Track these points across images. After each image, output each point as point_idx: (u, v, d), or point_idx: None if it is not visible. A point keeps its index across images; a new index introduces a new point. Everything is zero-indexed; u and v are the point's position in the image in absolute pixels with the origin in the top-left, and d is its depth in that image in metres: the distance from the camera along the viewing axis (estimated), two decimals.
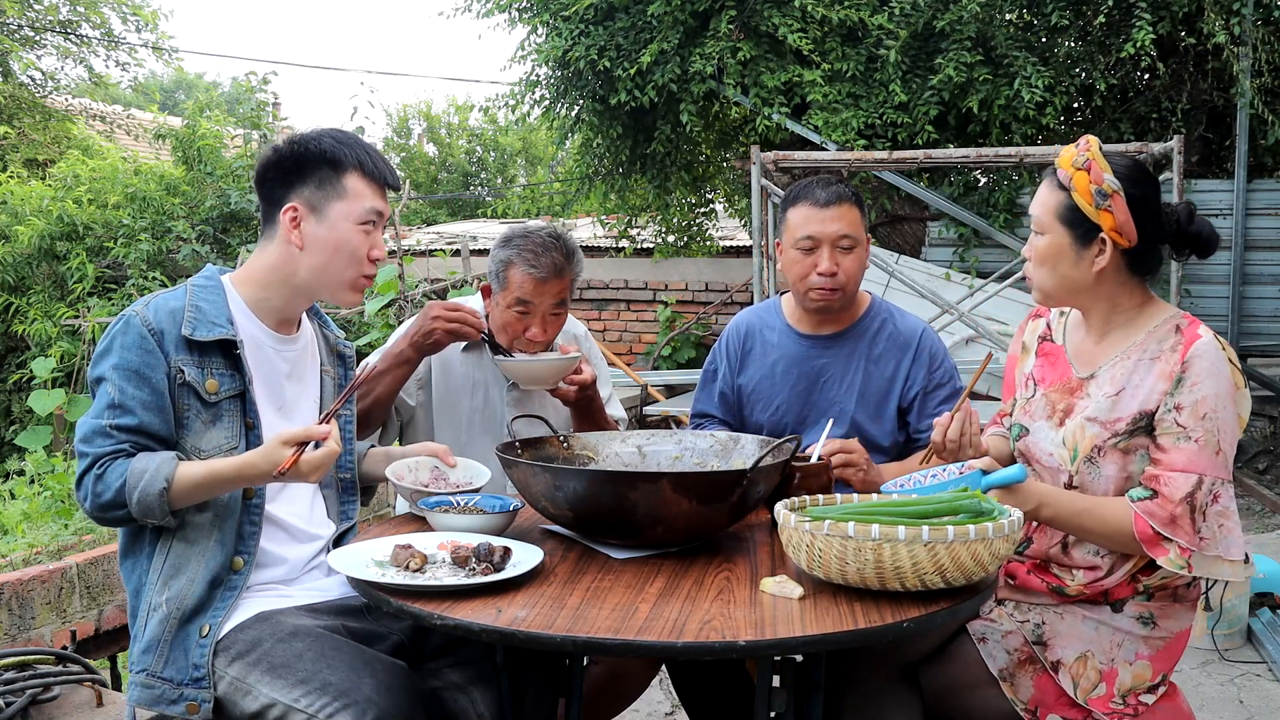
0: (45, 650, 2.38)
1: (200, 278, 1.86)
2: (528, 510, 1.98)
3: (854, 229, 2.26)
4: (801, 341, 2.37)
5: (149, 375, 1.72)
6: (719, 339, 2.53)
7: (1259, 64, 6.76)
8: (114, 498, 1.67)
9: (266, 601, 1.77)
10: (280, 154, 1.84)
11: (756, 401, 2.40)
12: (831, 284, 2.26)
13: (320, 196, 1.82)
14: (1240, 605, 3.71)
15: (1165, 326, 1.81)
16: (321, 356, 1.99)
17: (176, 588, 1.72)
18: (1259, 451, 6.86)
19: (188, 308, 1.77)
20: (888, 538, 1.44)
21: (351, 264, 1.84)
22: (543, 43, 8.02)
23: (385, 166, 1.89)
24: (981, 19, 7.02)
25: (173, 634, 1.71)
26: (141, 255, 8.31)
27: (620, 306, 9.96)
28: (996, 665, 1.80)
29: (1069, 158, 1.80)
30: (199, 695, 1.68)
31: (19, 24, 13.03)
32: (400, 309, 6.61)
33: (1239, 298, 7.18)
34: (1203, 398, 1.73)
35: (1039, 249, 1.83)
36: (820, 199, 2.26)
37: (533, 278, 2.27)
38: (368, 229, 1.84)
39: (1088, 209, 1.76)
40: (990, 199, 7.56)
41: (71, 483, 4.30)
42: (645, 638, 1.35)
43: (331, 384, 1.98)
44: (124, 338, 1.73)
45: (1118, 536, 1.75)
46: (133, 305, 1.79)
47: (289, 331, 1.91)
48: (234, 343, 1.78)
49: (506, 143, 19.17)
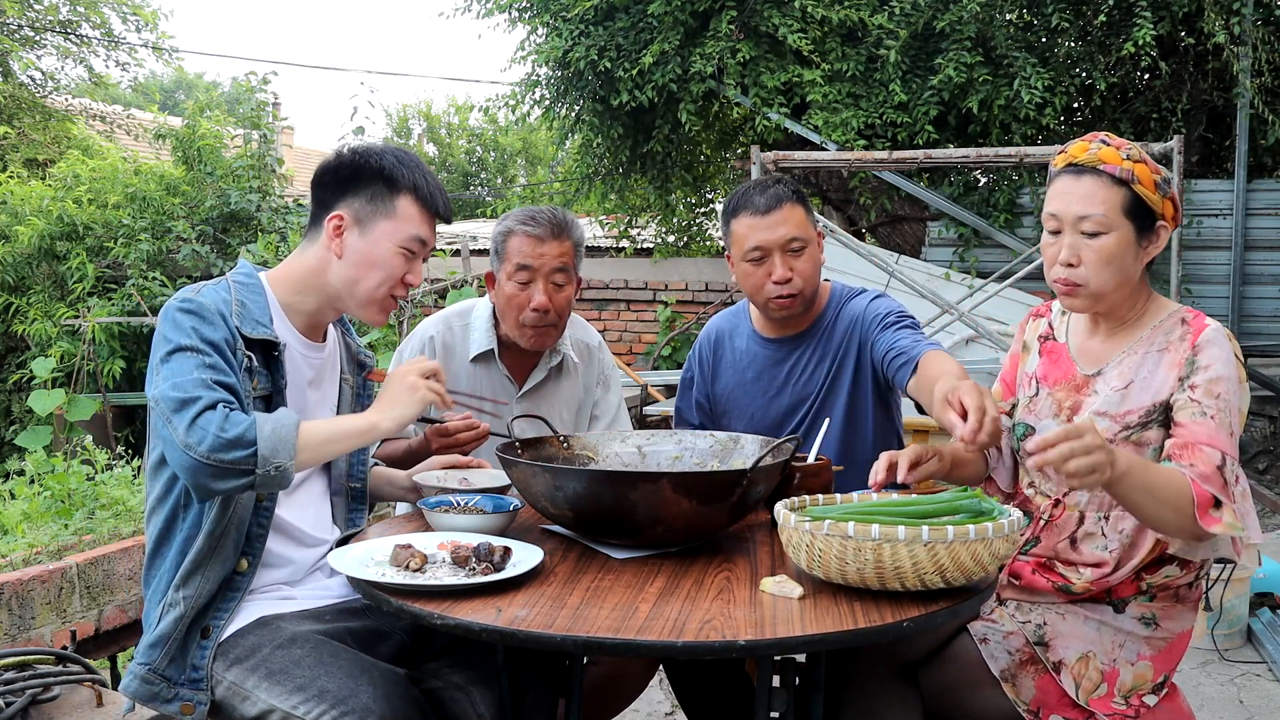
0: (45, 650, 2.38)
1: (240, 274, 1.83)
2: (528, 510, 1.98)
3: (800, 229, 2.19)
4: (768, 345, 2.36)
5: (227, 350, 1.67)
6: (694, 345, 2.50)
7: (1259, 64, 6.76)
8: (242, 433, 1.57)
9: (269, 605, 1.77)
10: (340, 161, 1.82)
11: (732, 410, 2.39)
12: (789, 290, 2.20)
13: (369, 211, 1.80)
14: (1240, 605, 3.71)
15: (1170, 320, 1.81)
16: (342, 365, 1.97)
17: (194, 586, 1.71)
18: (1259, 451, 6.85)
19: (234, 302, 1.75)
20: (888, 538, 1.44)
21: (384, 283, 1.82)
22: (543, 43, 8.03)
23: (441, 196, 1.86)
24: (981, 19, 7.02)
25: (184, 632, 1.70)
26: (141, 255, 8.31)
27: (620, 306, 9.96)
28: (998, 666, 1.80)
29: (1113, 154, 1.76)
30: (195, 696, 1.68)
31: (19, 24, 13.03)
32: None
33: (1239, 298, 7.19)
34: (1216, 378, 1.72)
35: (1104, 250, 1.75)
36: (760, 206, 2.19)
37: (529, 237, 2.25)
38: (408, 255, 1.82)
39: (1152, 199, 1.76)
40: (990, 199, 7.57)
41: (69, 481, 4.32)
42: (645, 637, 1.35)
43: (350, 393, 1.97)
44: (195, 316, 1.68)
45: (1178, 500, 1.64)
46: (180, 293, 1.74)
47: (317, 338, 1.89)
48: (276, 344, 1.76)
49: (506, 143, 19.19)
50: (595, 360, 2.52)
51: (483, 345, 2.38)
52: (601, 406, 2.51)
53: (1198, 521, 1.65)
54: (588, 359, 2.50)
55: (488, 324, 2.40)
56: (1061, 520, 1.86)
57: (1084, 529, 1.84)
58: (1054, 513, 1.88)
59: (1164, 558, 1.81)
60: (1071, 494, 1.85)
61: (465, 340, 2.41)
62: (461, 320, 2.44)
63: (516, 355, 2.40)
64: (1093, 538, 1.83)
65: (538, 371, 2.41)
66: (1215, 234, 7.25)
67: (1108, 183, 1.75)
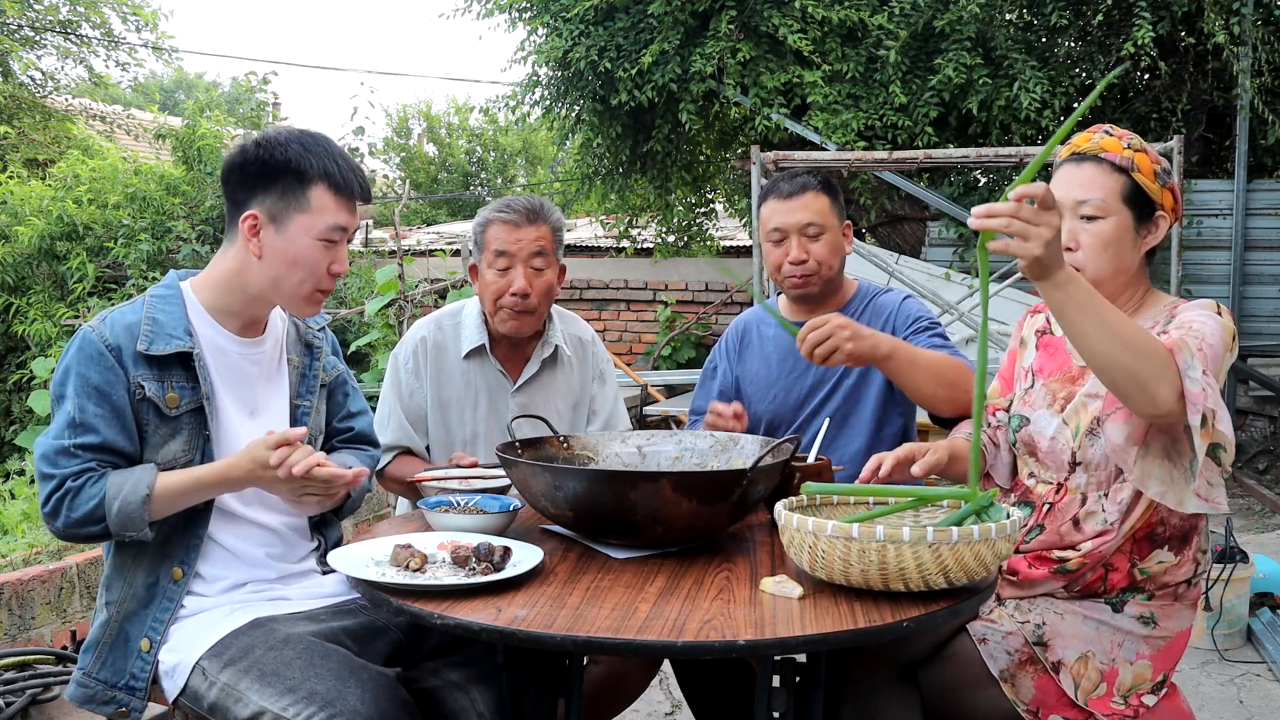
0: (45, 650, 2.38)
1: (160, 287, 1.83)
2: (528, 510, 1.98)
3: (820, 216, 2.32)
4: (795, 327, 2.39)
5: (109, 392, 1.70)
6: (719, 340, 2.57)
7: (1259, 64, 6.76)
8: (90, 512, 1.66)
9: (264, 607, 1.78)
10: (246, 157, 1.77)
11: (755, 391, 2.43)
12: (802, 270, 2.33)
13: (281, 207, 1.75)
14: (1240, 605, 3.71)
15: (1164, 311, 1.85)
16: (287, 349, 1.94)
17: (118, 591, 1.75)
18: (1259, 451, 6.85)
19: (144, 321, 1.75)
20: (892, 539, 1.44)
21: (308, 278, 1.78)
22: (543, 43, 8.03)
23: (355, 177, 1.80)
24: (981, 19, 7.02)
25: (112, 638, 1.74)
26: (141, 255, 8.31)
27: (620, 306, 9.96)
28: (997, 666, 1.80)
29: (1114, 142, 1.81)
30: (130, 701, 1.72)
31: (19, 24, 13.02)
32: (400, 309, 6.60)
33: (1239, 298, 7.18)
34: (1187, 320, 1.73)
35: (1101, 234, 1.80)
36: (784, 191, 2.35)
37: (505, 223, 2.30)
38: (328, 244, 1.78)
39: (1152, 187, 1.80)
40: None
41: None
42: (645, 637, 1.35)
43: (296, 375, 1.94)
44: (81, 355, 1.71)
45: (1147, 339, 1.58)
46: (89, 321, 1.76)
47: (254, 334, 1.87)
48: (190, 354, 1.75)
49: (506, 143, 19.17)
50: (590, 354, 2.52)
51: (474, 341, 2.38)
52: (599, 401, 2.51)
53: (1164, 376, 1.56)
54: (582, 353, 2.51)
55: (478, 320, 2.41)
56: (1064, 504, 1.87)
57: (1086, 508, 1.84)
58: (1055, 498, 1.88)
59: (1155, 538, 1.81)
60: (1072, 477, 1.86)
61: (457, 338, 2.41)
62: (452, 319, 2.45)
63: (509, 349, 2.41)
64: (1094, 515, 1.84)
65: (531, 364, 2.41)
66: (1215, 234, 7.25)
67: (1108, 170, 1.80)
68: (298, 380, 1.94)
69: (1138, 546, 1.82)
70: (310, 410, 1.95)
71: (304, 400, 1.94)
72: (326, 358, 2.00)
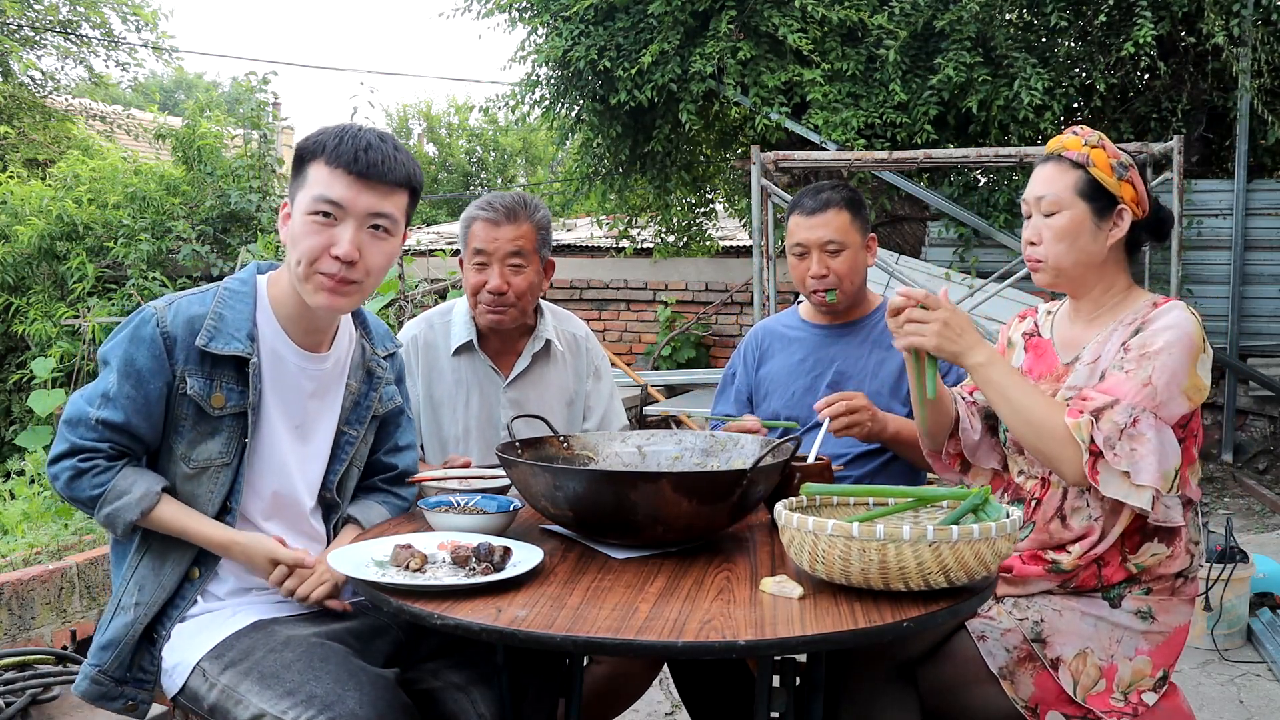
0: (45, 650, 2.39)
1: (235, 280, 1.80)
2: (528, 510, 1.98)
3: (840, 234, 2.39)
4: (817, 330, 2.52)
5: (148, 380, 1.70)
6: (738, 347, 2.65)
7: (1259, 64, 6.76)
8: (85, 499, 1.71)
9: (266, 609, 1.78)
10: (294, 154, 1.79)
11: (774, 389, 2.50)
12: (824, 285, 2.42)
13: (293, 191, 1.75)
14: (1240, 605, 3.71)
15: (1143, 308, 1.89)
16: (349, 372, 1.89)
17: (149, 593, 1.75)
18: (1259, 451, 6.85)
19: (210, 315, 1.73)
20: (892, 538, 1.44)
21: (303, 258, 1.69)
22: (543, 43, 8.02)
23: (354, 150, 1.67)
24: (981, 19, 7.02)
25: (136, 638, 1.74)
26: (141, 255, 8.31)
27: (620, 306, 9.96)
28: (996, 663, 1.81)
29: (1075, 141, 1.89)
30: (138, 695, 1.74)
31: (19, 24, 13.02)
32: (400, 309, 6.61)
33: (1239, 298, 7.18)
34: (1150, 339, 1.79)
35: (1057, 227, 1.88)
36: (807, 208, 2.43)
37: (485, 220, 2.31)
38: (317, 219, 1.68)
39: (1109, 181, 1.86)
40: (990, 199, 7.56)
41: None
42: (645, 638, 1.35)
43: (350, 401, 1.90)
44: (136, 334, 1.72)
45: (1049, 420, 1.77)
46: (158, 300, 1.75)
47: (318, 348, 1.84)
48: (246, 360, 1.74)
49: (506, 143, 19.17)
50: (584, 351, 2.52)
51: (462, 337, 2.39)
52: (594, 398, 2.51)
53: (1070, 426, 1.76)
54: (576, 350, 2.50)
55: (466, 316, 2.41)
56: (1047, 497, 1.90)
57: (1069, 502, 1.87)
58: (1040, 493, 1.91)
59: (1145, 531, 1.83)
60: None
61: (447, 336, 2.42)
62: (442, 317, 2.45)
63: (497, 344, 2.42)
64: (1079, 510, 1.87)
65: (521, 359, 2.41)
66: (1215, 234, 7.25)
67: (1066, 166, 1.89)
68: (350, 407, 1.89)
69: (1128, 540, 1.84)
70: (356, 440, 1.91)
71: (351, 429, 1.90)
72: (386, 387, 1.95)
